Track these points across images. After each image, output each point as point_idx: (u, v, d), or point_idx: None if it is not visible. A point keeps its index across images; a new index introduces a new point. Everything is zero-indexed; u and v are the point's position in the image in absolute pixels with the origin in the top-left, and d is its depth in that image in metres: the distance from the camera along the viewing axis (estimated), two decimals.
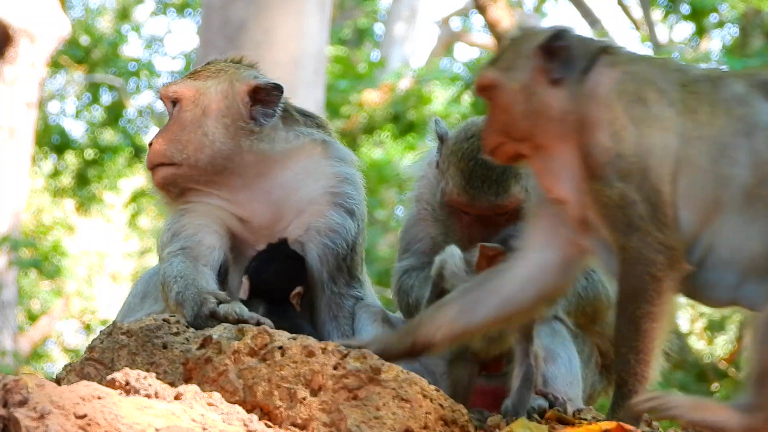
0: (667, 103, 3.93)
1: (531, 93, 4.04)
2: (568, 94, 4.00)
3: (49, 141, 21.12)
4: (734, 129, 3.89)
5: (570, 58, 4.03)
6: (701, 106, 3.93)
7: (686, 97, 3.94)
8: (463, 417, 3.86)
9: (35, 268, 16.96)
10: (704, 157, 3.87)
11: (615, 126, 3.90)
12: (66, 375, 4.21)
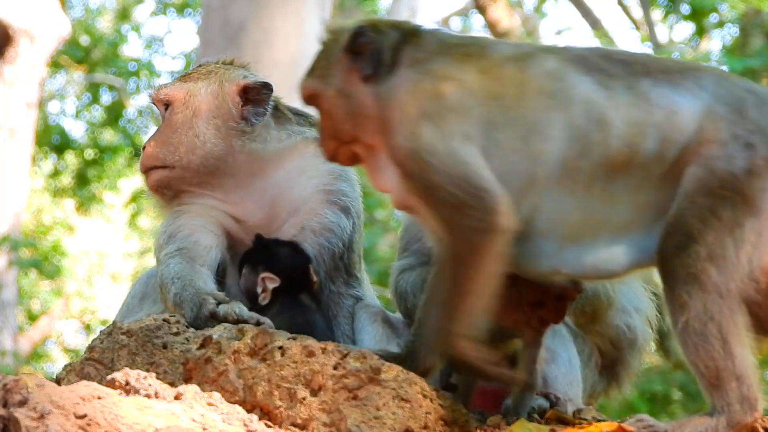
0: (466, 92, 3.98)
1: (347, 95, 4.12)
2: (376, 89, 4.09)
3: (49, 141, 21.13)
4: (546, 105, 3.94)
5: (376, 53, 4.10)
6: (506, 89, 3.98)
7: (488, 83, 4.00)
8: (463, 417, 3.86)
9: (35, 268, 16.97)
10: (513, 138, 3.93)
11: (410, 127, 3.98)
12: (66, 375, 4.22)
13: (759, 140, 3.85)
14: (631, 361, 4.93)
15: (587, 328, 4.86)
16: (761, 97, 3.95)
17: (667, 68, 4.03)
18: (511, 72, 4.01)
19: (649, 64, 4.04)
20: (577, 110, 3.93)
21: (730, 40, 15.82)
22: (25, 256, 15.74)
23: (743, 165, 3.82)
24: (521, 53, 4.08)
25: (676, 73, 4.00)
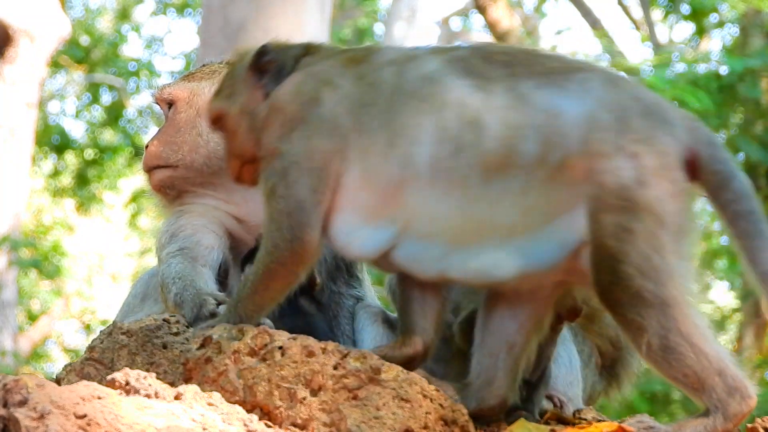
0: (340, 100, 4.02)
1: (251, 112, 4.18)
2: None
3: (49, 141, 21.14)
4: (417, 110, 3.96)
5: (279, 70, 4.18)
6: (379, 97, 4.01)
7: (362, 89, 4.03)
8: (463, 417, 3.86)
9: (35, 268, 16.98)
10: (380, 143, 3.95)
11: (286, 128, 4.04)
12: (66, 375, 4.22)
13: (643, 150, 3.85)
14: (631, 361, 4.93)
15: (587, 328, 4.87)
16: (647, 105, 3.94)
17: (551, 69, 4.01)
18: (389, 76, 4.04)
19: (533, 65, 4.03)
20: (450, 113, 3.93)
21: (730, 40, 15.82)
22: (25, 256, 15.74)
23: (632, 176, 3.82)
24: (404, 57, 4.11)
25: (560, 75, 3.98)
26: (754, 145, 12.81)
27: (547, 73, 3.98)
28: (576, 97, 3.92)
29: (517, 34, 14.99)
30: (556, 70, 4.00)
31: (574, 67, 4.03)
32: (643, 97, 3.97)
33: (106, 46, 21.76)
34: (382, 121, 3.97)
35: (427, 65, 4.02)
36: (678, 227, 3.84)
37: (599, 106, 3.90)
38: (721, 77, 12.83)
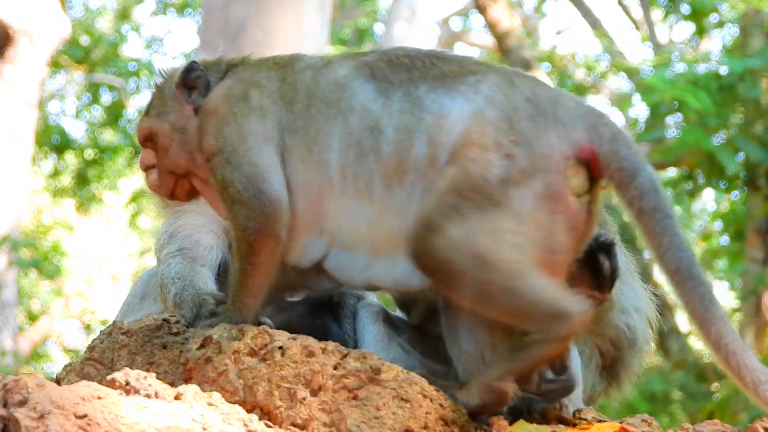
0: (267, 96, 4.16)
1: (181, 129, 4.29)
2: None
3: (49, 141, 21.13)
4: (327, 115, 4.07)
5: (207, 85, 4.30)
6: (298, 97, 4.14)
7: (284, 89, 4.16)
8: (463, 417, 3.86)
9: (35, 268, 16.96)
10: (301, 146, 4.07)
11: (219, 126, 4.16)
12: (66, 375, 4.22)
13: (521, 152, 3.89)
14: (632, 361, 4.93)
15: (587, 329, 4.86)
16: (539, 109, 3.97)
17: (447, 73, 4.08)
18: (306, 80, 4.17)
19: (431, 68, 4.10)
20: (355, 119, 4.04)
21: (730, 40, 15.81)
22: (25, 256, 15.73)
23: (499, 173, 3.88)
24: (320, 62, 4.24)
25: (456, 78, 4.05)
26: (754, 145, 12.81)
27: (442, 76, 4.06)
28: (465, 98, 3.99)
29: (517, 34, 14.97)
30: (452, 73, 4.07)
31: (470, 70, 4.08)
32: (538, 98, 4.00)
33: (106, 46, 21.76)
34: (302, 123, 4.09)
35: (338, 71, 4.14)
36: (539, 225, 3.88)
37: (487, 105, 3.97)
38: (721, 77, 12.82)
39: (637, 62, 16.23)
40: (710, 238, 18.79)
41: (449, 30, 24.76)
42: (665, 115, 13.27)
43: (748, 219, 14.12)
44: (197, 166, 4.25)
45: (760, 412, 4.07)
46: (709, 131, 12.67)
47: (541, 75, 14.85)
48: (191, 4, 24.43)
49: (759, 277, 13.77)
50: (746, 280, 14.32)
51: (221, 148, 4.13)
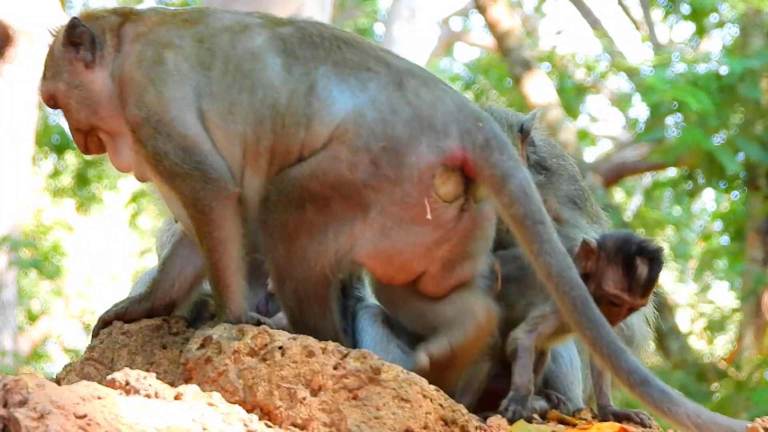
0: (183, 59, 4.16)
1: (77, 86, 4.30)
2: (104, 73, 4.28)
3: (49, 141, 21.10)
4: (240, 86, 4.09)
5: (93, 39, 4.29)
6: (215, 61, 4.14)
7: (202, 52, 4.16)
8: (463, 417, 3.86)
9: (35, 268, 16.94)
10: (217, 113, 4.09)
11: (138, 94, 4.17)
12: (66, 375, 4.22)
13: (387, 161, 3.96)
14: None
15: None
16: (417, 113, 4.02)
17: (347, 61, 4.13)
18: (224, 44, 4.16)
19: (336, 52, 4.15)
20: (261, 93, 4.07)
21: (730, 40, 15.81)
22: (25, 256, 15.71)
23: (363, 177, 3.97)
24: (239, 25, 4.21)
25: (352, 69, 4.09)
26: (754, 145, 12.80)
27: (342, 63, 4.09)
28: (351, 93, 4.04)
29: (517, 34, 14.96)
30: (351, 63, 4.10)
31: (367, 65, 4.11)
32: (419, 101, 4.05)
33: None
34: (217, 89, 4.09)
35: (255, 39, 4.13)
36: (384, 229, 4.00)
37: (369, 105, 4.02)
38: (721, 77, 12.82)
39: (637, 62, 16.24)
40: (710, 238, 18.77)
41: (449, 30, 24.76)
42: (665, 116, 13.26)
43: (748, 219, 14.11)
44: (102, 119, 4.26)
45: (760, 412, 4.07)
46: (709, 131, 12.67)
47: (541, 75, 14.85)
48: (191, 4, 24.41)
49: (759, 277, 13.77)
50: (746, 280, 14.31)
51: (146, 118, 4.13)
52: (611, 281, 4.20)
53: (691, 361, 14.19)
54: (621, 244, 4.24)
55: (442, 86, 4.15)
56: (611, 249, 4.23)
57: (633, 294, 4.20)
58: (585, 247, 4.25)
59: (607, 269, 4.20)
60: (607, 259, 4.21)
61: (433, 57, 23.58)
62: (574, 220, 4.79)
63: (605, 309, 4.19)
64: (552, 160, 4.87)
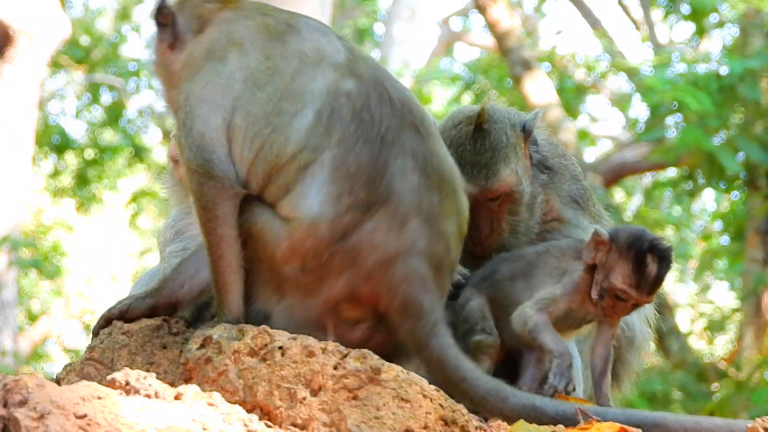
0: (241, 67, 4.20)
1: (161, 64, 4.45)
2: (183, 55, 4.37)
3: (49, 141, 21.11)
4: (270, 120, 4.11)
5: (178, 23, 4.39)
6: (268, 85, 4.16)
7: (261, 69, 4.19)
8: (463, 417, 3.86)
9: (35, 268, 16.96)
10: (242, 132, 4.13)
11: (187, 78, 4.25)
12: (66, 375, 4.22)
13: (309, 267, 4.04)
14: (631, 359, 4.92)
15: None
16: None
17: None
18: (286, 71, 4.17)
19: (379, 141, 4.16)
20: (277, 136, 4.10)
21: (730, 40, 15.81)
22: (25, 256, 15.72)
23: (293, 269, 4.06)
24: (315, 55, 4.20)
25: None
26: (754, 146, 12.81)
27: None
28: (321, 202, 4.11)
29: (517, 34, 14.97)
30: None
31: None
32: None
33: (106, 46, 21.75)
34: (256, 112, 4.12)
35: (314, 81, 4.13)
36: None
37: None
38: (721, 78, 12.82)
39: (637, 62, 16.23)
40: (710, 238, 18.77)
41: (449, 30, 24.77)
42: (665, 116, 13.27)
43: (748, 219, 14.12)
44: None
45: (760, 412, 4.07)
46: (709, 132, 12.67)
47: (541, 75, 14.85)
48: None
49: (759, 277, 13.77)
50: (746, 280, 14.31)
51: (181, 106, 4.21)
52: (620, 276, 4.21)
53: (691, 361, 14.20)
54: (633, 239, 4.24)
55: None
56: (623, 243, 4.23)
57: (640, 290, 4.21)
58: (596, 238, 4.26)
59: (617, 263, 4.21)
60: (618, 253, 4.22)
61: (433, 57, 23.59)
62: (576, 219, 4.79)
63: (610, 302, 4.21)
64: (554, 159, 4.87)
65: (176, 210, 4.88)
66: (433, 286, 4.04)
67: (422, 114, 4.17)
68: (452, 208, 4.12)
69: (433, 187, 4.06)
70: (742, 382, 12.84)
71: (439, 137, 4.21)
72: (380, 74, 4.18)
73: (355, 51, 4.24)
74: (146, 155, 21.62)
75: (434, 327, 4.01)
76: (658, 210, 20.12)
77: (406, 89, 4.23)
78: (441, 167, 4.11)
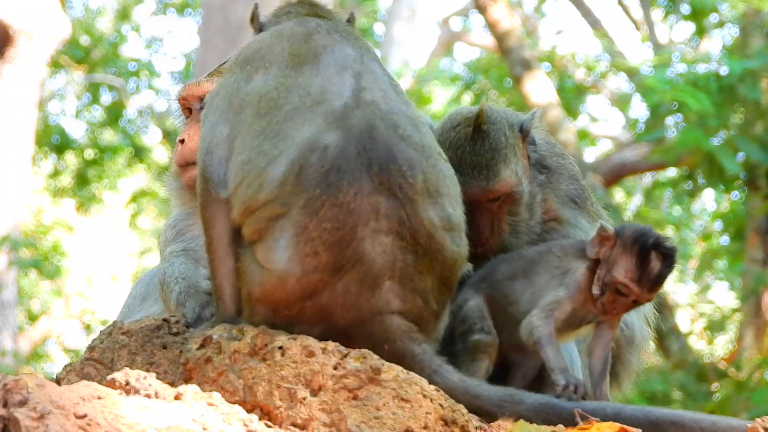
0: (258, 90, 4.20)
1: None
2: None
3: (49, 141, 21.12)
4: (249, 158, 4.11)
5: (260, 27, 4.50)
6: (266, 117, 4.13)
7: (269, 98, 4.17)
8: (463, 417, 3.86)
9: (35, 268, 16.96)
10: (239, 156, 4.13)
11: (226, 72, 4.36)
12: (66, 375, 4.21)
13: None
14: (630, 359, 4.92)
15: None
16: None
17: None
18: (284, 107, 4.13)
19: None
20: (245, 173, 4.12)
21: (730, 40, 15.81)
22: (25, 256, 15.73)
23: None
24: (316, 96, 4.15)
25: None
26: (754, 146, 12.80)
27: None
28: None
29: (517, 34, 14.96)
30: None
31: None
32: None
33: (106, 46, 21.75)
34: (246, 139, 4.12)
35: (300, 130, 4.08)
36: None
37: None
38: (721, 78, 12.82)
39: (637, 62, 16.23)
40: (710, 238, 18.77)
41: (449, 30, 24.76)
42: (665, 116, 13.26)
43: (748, 219, 14.11)
44: None
45: (760, 412, 4.07)
46: (709, 132, 12.67)
47: (541, 75, 14.85)
48: (191, 4, 24.42)
49: (759, 277, 13.77)
50: (746, 280, 14.30)
51: (210, 100, 4.30)
52: (623, 269, 4.23)
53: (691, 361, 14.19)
54: (639, 235, 4.27)
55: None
56: (628, 238, 4.26)
57: (642, 286, 4.22)
58: (602, 233, 4.29)
59: (621, 257, 4.24)
60: (623, 248, 4.25)
61: (433, 57, 23.58)
62: (575, 219, 4.79)
63: (610, 297, 4.22)
64: (552, 159, 4.87)
65: (177, 210, 4.87)
66: (418, 335, 4.03)
67: (407, 166, 4.03)
68: (431, 265, 4.04)
69: (408, 249, 3.99)
70: (742, 382, 12.83)
71: (425, 191, 4.05)
72: (375, 121, 4.06)
73: (362, 93, 4.13)
74: (146, 155, 21.62)
75: (430, 365, 4.01)
76: (658, 210, 20.12)
77: (401, 133, 4.09)
78: (418, 228, 4.01)
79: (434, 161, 4.12)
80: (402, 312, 4.00)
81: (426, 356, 4.02)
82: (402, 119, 4.11)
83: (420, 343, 4.02)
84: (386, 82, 4.22)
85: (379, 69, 4.27)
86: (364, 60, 4.23)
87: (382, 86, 4.18)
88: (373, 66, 4.24)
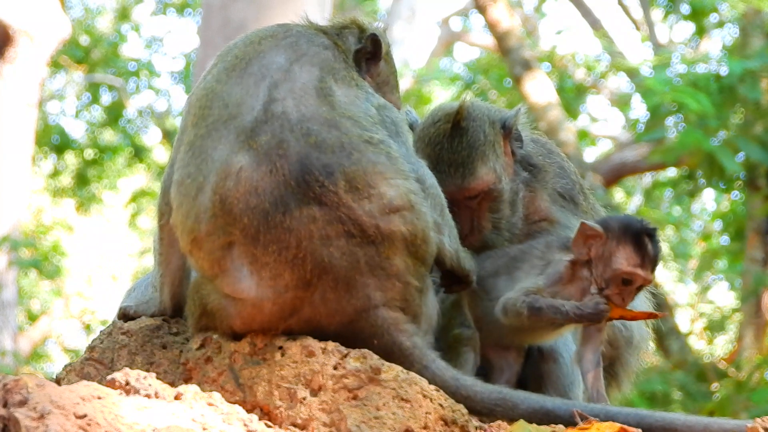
0: (206, 77, 4.24)
1: None
2: None
3: (49, 141, 21.13)
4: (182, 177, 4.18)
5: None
6: (224, 131, 4.10)
7: (204, 101, 4.15)
8: (463, 417, 3.86)
9: (35, 268, 16.96)
10: (178, 168, 4.13)
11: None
12: (66, 375, 4.22)
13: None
14: (630, 359, 4.91)
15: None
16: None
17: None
18: (221, 131, 4.06)
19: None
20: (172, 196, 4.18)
21: (730, 41, 15.81)
22: (25, 256, 15.72)
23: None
24: (252, 126, 4.05)
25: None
26: (754, 146, 12.80)
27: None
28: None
29: (517, 34, 14.96)
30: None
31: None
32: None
33: (106, 46, 21.75)
34: (180, 163, 4.14)
35: (233, 158, 4.03)
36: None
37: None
38: (721, 78, 12.82)
39: (637, 62, 16.23)
40: (710, 238, 18.78)
41: (449, 30, 24.77)
42: (665, 116, 13.26)
43: (748, 219, 14.11)
44: None
45: (760, 412, 4.08)
46: (709, 132, 12.67)
47: (541, 75, 14.85)
48: (191, 4, 24.42)
49: (759, 277, 13.77)
50: (746, 280, 14.31)
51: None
52: (624, 260, 4.23)
53: (691, 361, 14.19)
54: (626, 224, 4.29)
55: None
56: (618, 229, 4.26)
57: (645, 269, 4.24)
58: (587, 232, 4.26)
59: (617, 249, 4.24)
60: (616, 240, 4.25)
61: (433, 57, 23.58)
62: (566, 219, 4.74)
63: (616, 290, 4.22)
64: (539, 156, 4.81)
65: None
66: (407, 326, 4.00)
67: (324, 174, 3.93)
68: (394, 248, 3.98)
69: (364, 242, 3.93)
70: (742, 382, 12.83)
71: (351, 190, 3.96)
72: (285, 134, 3.96)
73: (273, 105, 4.00)
74: (146, 155, 21.63)
75: (422, 360, 3.97)
76: (658, 210, 20.12)
77: (313, 141, 3.97)
78: (362, 223, 3.93)
79: (358, 156, 3.97)
80: (386, 303, 3.96)
81: (416, 350, 3.97)
82: (316, 124, 3.97)
83: (410, 336, 3.98)
84: (310, 87, 4.05)
85: (309, 76, 4.10)
86: (292, 68, 4.10)
87: (298, 93, 4.02)
88: (302, 73, 4.09)
